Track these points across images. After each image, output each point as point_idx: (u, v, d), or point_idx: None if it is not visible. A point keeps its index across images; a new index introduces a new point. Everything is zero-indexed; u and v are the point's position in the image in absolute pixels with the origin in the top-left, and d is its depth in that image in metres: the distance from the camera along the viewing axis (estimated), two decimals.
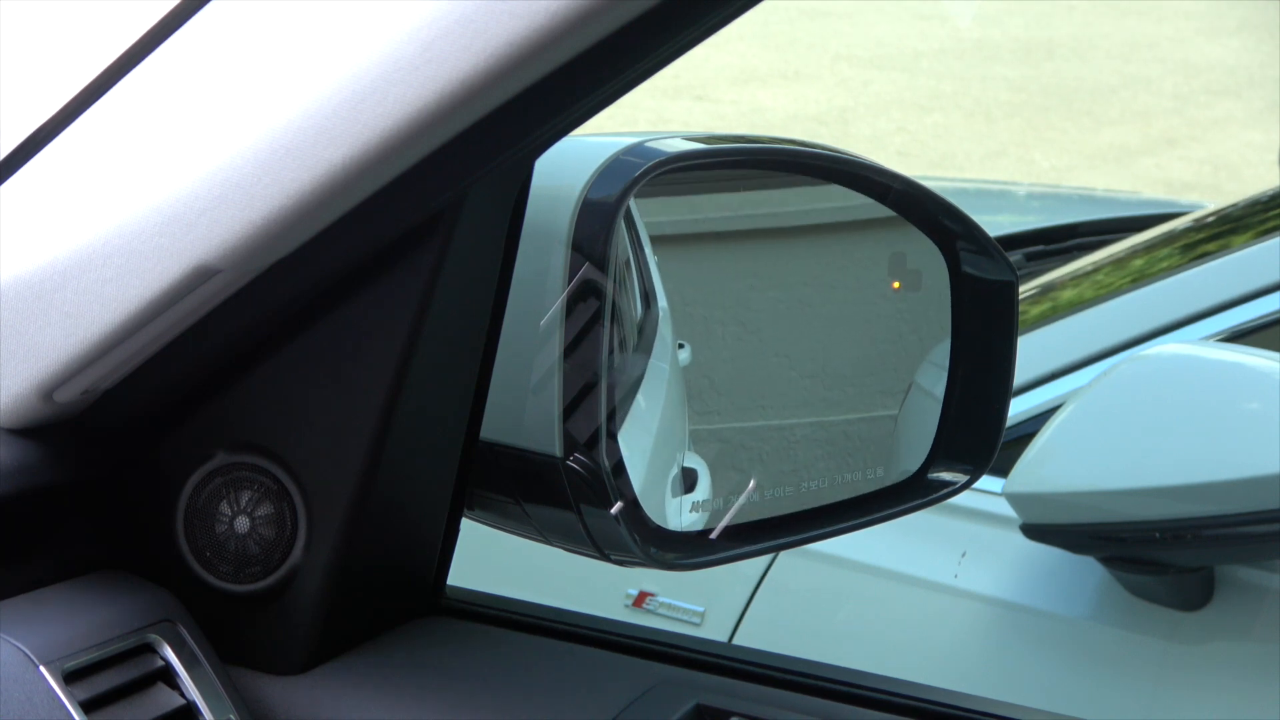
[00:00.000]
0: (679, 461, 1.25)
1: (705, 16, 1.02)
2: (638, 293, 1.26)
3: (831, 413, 1.34)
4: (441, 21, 0.96)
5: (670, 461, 1.24)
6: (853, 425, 1.35)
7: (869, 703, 1.22)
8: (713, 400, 1.30)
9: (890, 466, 1.35)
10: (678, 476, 1.24)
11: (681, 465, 1.25)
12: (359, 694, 1.17)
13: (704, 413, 1.29)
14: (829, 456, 1.34)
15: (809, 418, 1.33)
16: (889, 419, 1.36)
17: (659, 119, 10.95)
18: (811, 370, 1.35)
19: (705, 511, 1.24)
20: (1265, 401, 1.92)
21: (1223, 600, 2.09)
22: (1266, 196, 2.88)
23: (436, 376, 1.15)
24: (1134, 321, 2.35)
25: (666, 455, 1.24)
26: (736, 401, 1.31)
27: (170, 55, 1.05)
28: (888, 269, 1.35)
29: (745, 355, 1.31)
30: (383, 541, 1.19)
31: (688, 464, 1.25)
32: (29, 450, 1.10)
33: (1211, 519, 1.93)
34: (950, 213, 1.34)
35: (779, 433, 1.32)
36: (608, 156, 1.15)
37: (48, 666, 1.02)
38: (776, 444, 1.32)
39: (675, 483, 1.24)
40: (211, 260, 1.02)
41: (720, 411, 1.30)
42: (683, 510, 1.23)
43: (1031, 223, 3.54)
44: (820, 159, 1.29)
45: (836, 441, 1.35)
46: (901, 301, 1.37)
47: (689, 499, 1.24)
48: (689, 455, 1.26)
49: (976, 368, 1.34)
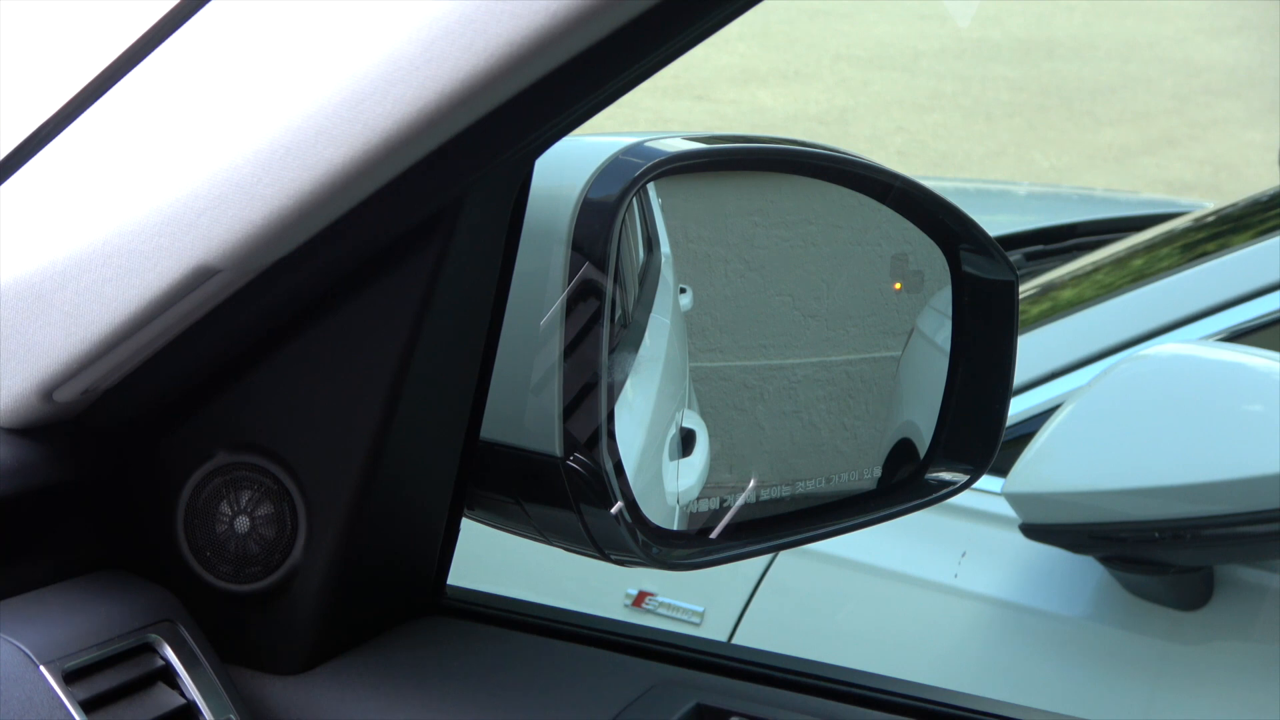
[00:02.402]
0: (678, 422, 1.24)
1: (705, 16, 1.02)
2: (640, 238, 1.26)
3: (834, 352, 1.34)
4: (442, 21, 0.96)
5: (668, 422, 1.24)
6: (854, 365, 1.34)
7: (869, 703, 1.22)
8: (715, 338, 1.29)
9: (890, 414, 1.35)
10: (676, 438, 1.24)
11: (680, 426, 1.24)
12: (359, 694, 1.17)
13: (706, 350, 1.29)
14: (830, 397, 1.34)
15: (811, 357, 1.33)
16: (891, 360, 1.36)
17: (659, 119, 10.96)
18: (815, 310, 1.34)
19: (705, 508, 1.24)
20: (1264, 401, 1.92)
21: (1222, 600, 2.09)
22: (1266, 196, 2.88)
23: (436, 376, 1.15)
24: (1134, 321, 2.35)
25: (665, 417, 1.24)
26: (739, 339, 1.30)
27: (170, 55, 1.05)
28: (889, 270, 1.35)
29: (748, 293, 1.31)
30: (383, 541, 1.19)
31: (686, 424, 1.24)
32: (29, 450, 1.10)
33: (1211, 519, 1.93)
34: (950, 212, 1.34)
35: (780, 372, 1.32)
36: (608, 156, 1.15)
37: (48, 666, 1.02)
38: (778, 383, 1.32)
39: (673, 445, 1.23)
40: (211, 260, 1.02)
41: (722, 349, 1.29)
42: (679, 476, 1.23)
43: (1031, 223, 3.54)
44: (820, 159, 1.29)
45: (838, 381, 1.34)
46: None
47: (685, 471, 1.23)
48: (688, 414, 1.25)
49: (976, 367, 1.35)
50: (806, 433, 1.34)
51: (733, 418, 1.29)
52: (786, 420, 1.32)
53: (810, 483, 1.30)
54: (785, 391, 1.32)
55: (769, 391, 1.31)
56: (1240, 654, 2.11)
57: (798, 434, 1.33)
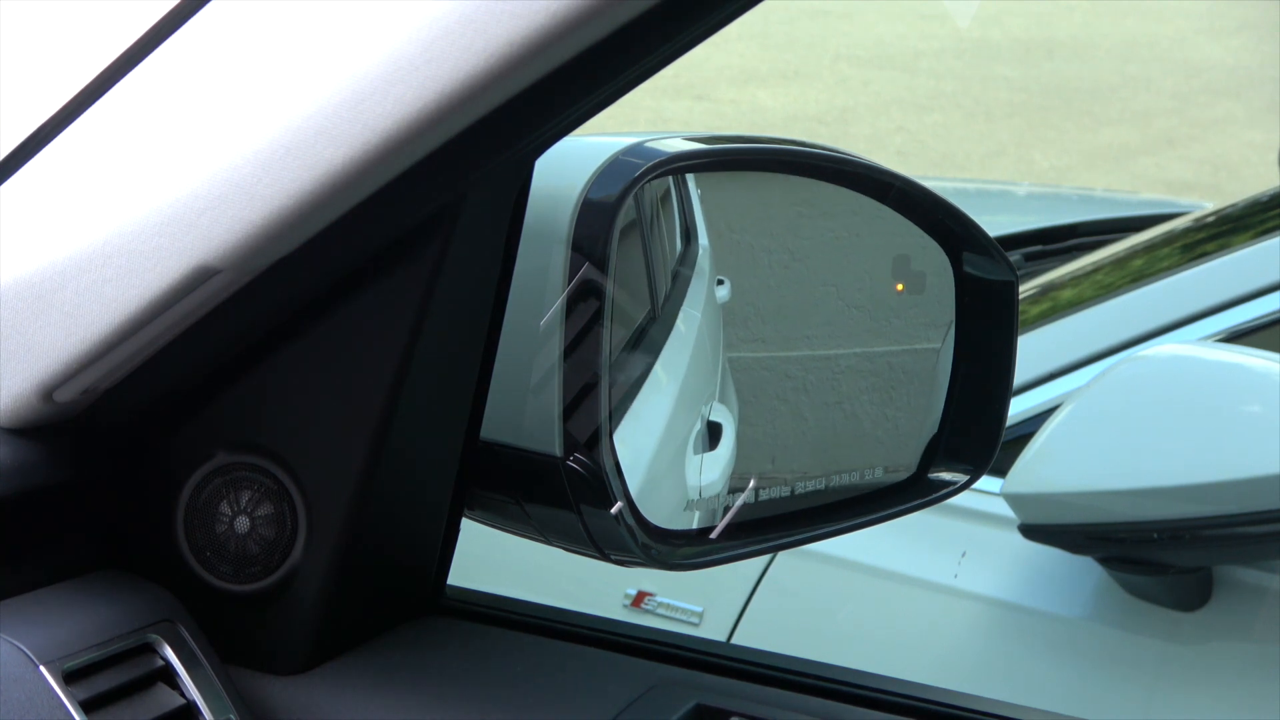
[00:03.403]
0: (704, 416, 1.24)
1: (705, 17, 1.02)
2: (678, 229, 1.25)
3: (877, 343, 1.34)
4: (442, 21, 0.96)
5: (693, 416, 1.23)
6: (897, 357, 1.34)
7: (869, 703, 1.22)
8: (758, 328, 1.28)
9: (931, 405, 1.34)
10: (702, 432, 1.23)
11: (707, 419, 1.24)
12: (358, 694, 1.17)
13: (749, 340, 1.28)
14: (873, 388, 1.34)
15: (855, 348, 1.32)
16: (932, 352, 1.36)
17: (659, 119, 10.95)
18: (859, 300, 1.34)
19: (708, 508, 1.24)
20: (1264, 402, 1.92)
21: (1221, 601, 2.09)
22: (1266, 196, 2.89)
23: (436, 376, 1.15)
24: (1133, 321, 2.35)
25: (690, 411, 1.23)
26: (782, 330, 1.29)
27: (170, 55, 1.05)
28: (892, 271, 1.35)
29: (792, 283, 1.30)
30: (383, 541, 1.19)
31: (714, 417, 1.24)
32: (29, 450, 1.10)
33: (1209, 519, 1.93)
34: (950, 213, 1.34)
35: (824, 362, 1.31)
36: (608, 156, 1.15)
37: (48, 666, 1.02)
38: (821, 374, 1.31)
39: (699, 439, 1.23)
40: (211, 260, 1.02)
41: (765, 339, 1.29)
42: (702, 470, 1.22)
43: (1031, 223, 3.54)
44: (820, 159, 1.29)
45: (881, 373, 1.34)
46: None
47: (709, 465, 1.23)
48: (716, 408, 1.25)
49: (977, 368, 1.35)
50: (849, 424, 1.33)
51: (775, 408, 1.28)
52: (829, 411, 1.32)
53: (810, 483, 1.30)
54: (828, 382, 1.32)
55: (811, 382, 1.31)
56: (1239, 655, 2.11)
57: (840, 425, 1.33)
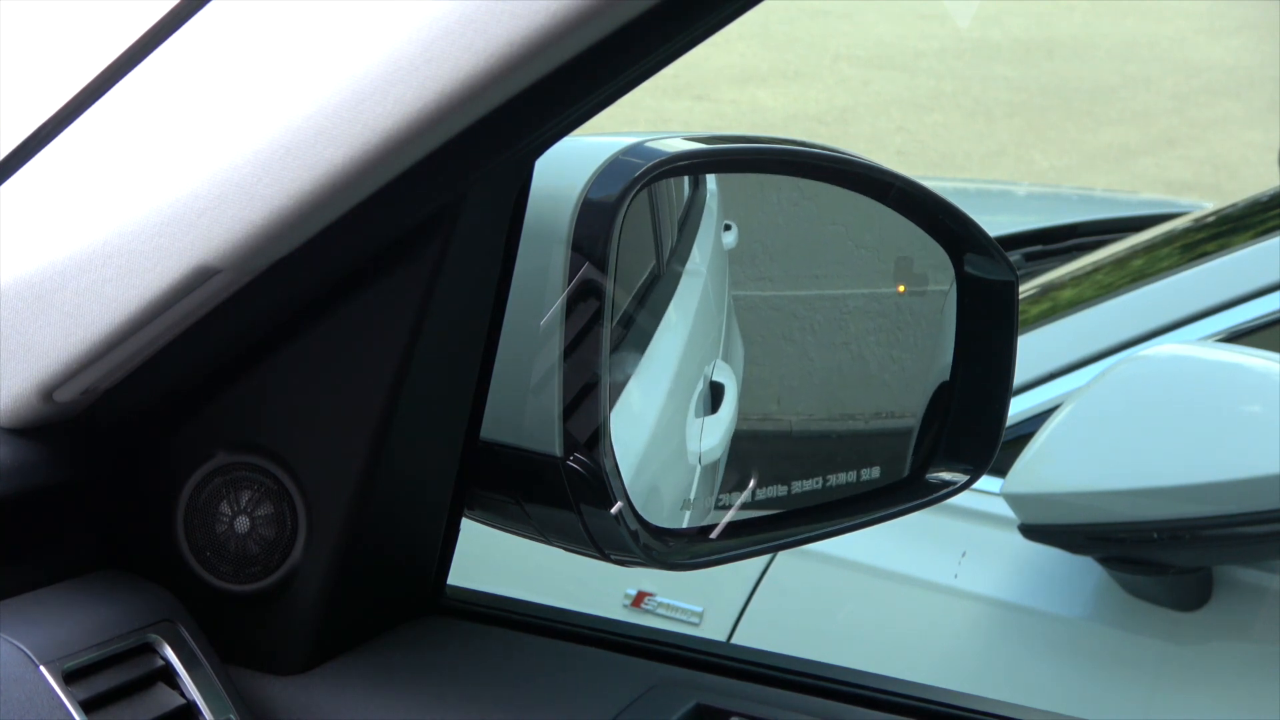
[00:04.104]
0: (706, 376, 1.23)
1: (705, 16, 1.02)
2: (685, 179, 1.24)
3: (885, 284, 1.33)
4: (442, 21, 0.96)
5: (695, 378, 1.23)
6: (905, 299, 1.33)
7: (869, 703, 1.22)
8: (765, 266, 1.27)
9: (937, 349, 1.33)
10: (704, 393, 1.23)
11: (710, 379, 1.23)
12: (358, 694, 1.17)
13: (756, 278, 1.27)
14: (880, 330, 1.33)
15: (863, 288, 1.32)
16: (940, 294, 1.36)
17: (659, 119, 10.95)
18: (869, 241, 1.33)
19: (708, 506, 1.24)
20: (1264, 402, 1.92)
21: (1220, 601, 2.09)
22: (1266, 196, 2.89)
23: (436, 376, 1.15)
24: (1133, 321, 2.35)
25: (691, 374, 1.22)
26: (790, 269, 1.28)
27: (170, 55, 1.05)
28: (894, 273, 1.35)
29: (801, 221, 1.29)
30: (383, 541, 1.19)
31: (716, 377, 1.23)
32: (29, 450, 1.10)
33: (1209, 519, 1.93)
34: (950, 213, 1.34)
35: (832, 303, 1.30)
36: (608, 156, 1.15)
37: (48, 666, 1.02)
38: (828, 314, 1.30)
39: (700, 401, 1.22)
40: (211, 260, 1.02)
41: (772, 278, 1.28)
42: (702, 434, 1.22)
43: (1031, 223, 3.54)
44: (820, 159, 1.29)
45: (889, 314, 1.33)
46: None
47: (710, 429, 1.21)
48: (718, 366, 1.24)
49: (977, 367, 1.35)
50: (856, 365, 1.32)
51: (781, 348, 1.28)
52: (836, 352, 1.31)
53: (810, 482, 1.30)
54: (835, 322, 1.31)
55: (819, 322, 1.30)
56: (1239, 654, 2.11)
57: (847, 366, 1.32)
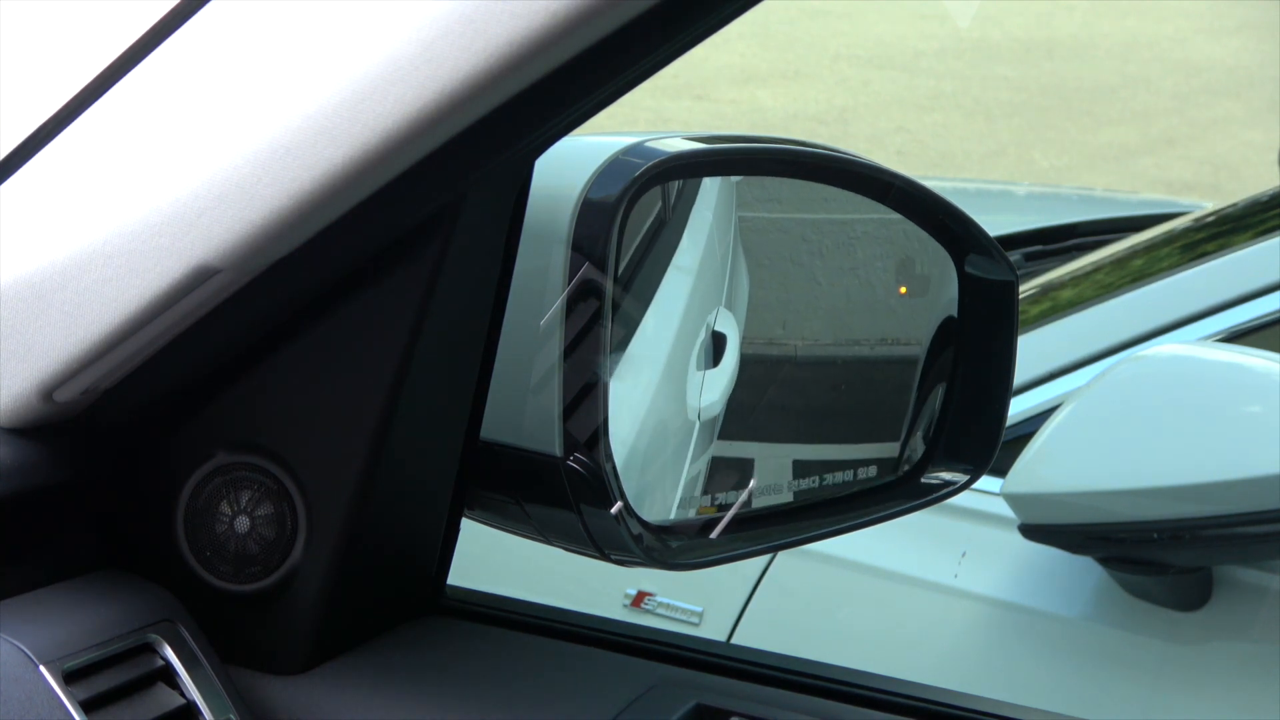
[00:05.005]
0: (709, 325, 1.23)
1: (705, 16, 1.02)
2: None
3: (894, 210, 1.33)
4: (442, 21, 0.96)
5: (698, 327, 1.22)
6: (913, 226, 1.33)
7: (869, 703, 1.22)
8: (774, 188, 1.27)
9: (944, 279, 1.33)
10: (707, 344, 1.22)
11: (712, 329, 1.22)
12: (359, 694, 1.17)
13: (764, 200, 1.26)
14: (888, 255, 1.33)
15: (872, 214, 1.31)
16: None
17: (659, 119, 10.94)
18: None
19: (708, 504, 1.24)
20: (1264, 402, 1.92)
21: (1221, 601, 2.09)
22: (1266, 196, 2.88)
23: (436, 376, 1.15)
24: (1133, 321, 2.35)
25: (695, 326, 1.22)
26: (799, 191, 1.28)
27: (170, 55, 1.05)
28: (895, 273, 1.35)
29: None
30: (383, 541, 1.19)
31: (719, 327, 1.23)
32: (29, 450, 1.10)
33: (1209, 519, 1.93)
34: (950, 213, 1.34)
35: (840, 227, 1.30)
36: (608, 156, 1.15)
37: (48, 666, 1.02)
38: (836, 238, 1.30)
39: (703, 353, 1.22)
40: (211, 260, 1.02)
41: (781, 200, 1.27)
42: (703, 389, 1.21)
43: (1031, 223, 3.54)
44: (820, 159, 1.29)
45: (896, 240, 1.33)
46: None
47: (710, 384, 1.21)
48: (721, 314, 1.24)
49: (977, 367, 1.35)
50: (863, 291, 1.32)
51: (788, 271, 1.27)
52: (844, 277, 1.31)
53: (809, 481, 1.30)
54: (844, 247, 1.30)
55: (827, 246, 1.30)
56: (1239, 655, 2.11)
57: (854, 292, 1.32)
